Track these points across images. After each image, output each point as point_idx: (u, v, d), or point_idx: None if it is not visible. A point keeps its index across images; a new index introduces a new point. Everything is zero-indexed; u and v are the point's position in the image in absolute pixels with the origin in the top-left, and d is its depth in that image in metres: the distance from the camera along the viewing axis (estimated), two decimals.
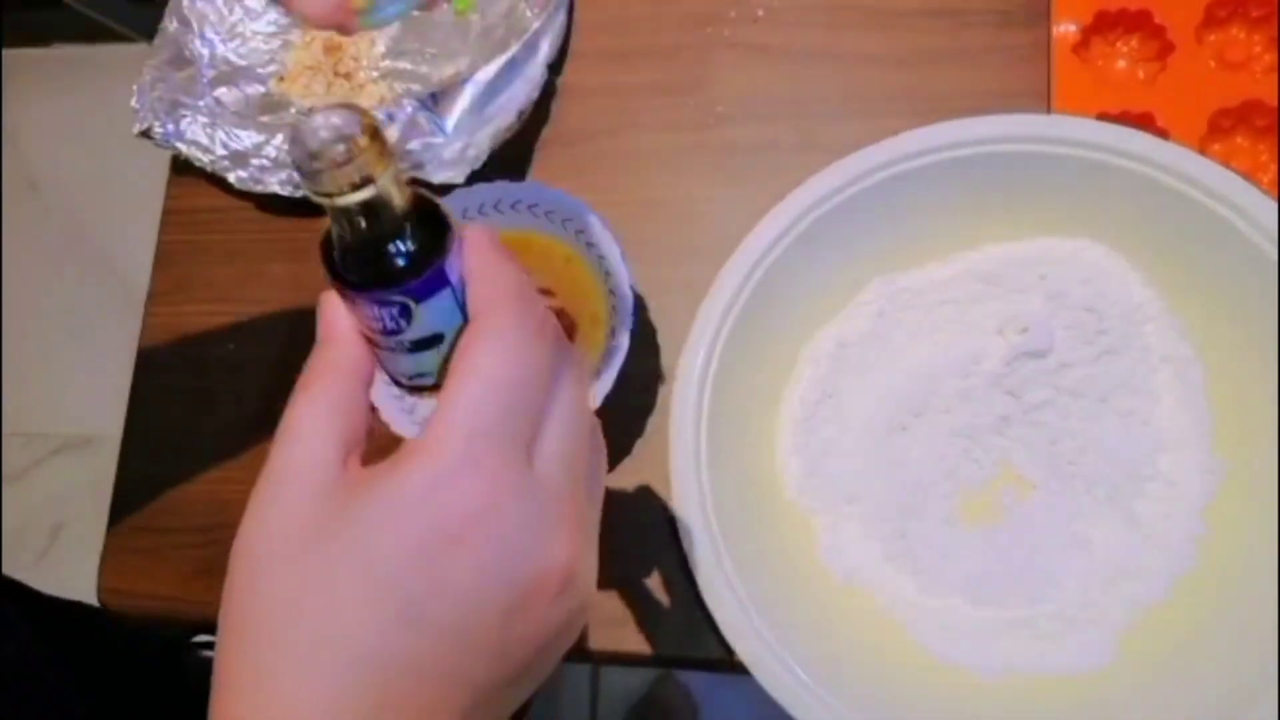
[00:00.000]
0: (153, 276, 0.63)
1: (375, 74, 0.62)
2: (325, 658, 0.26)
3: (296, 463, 0.29)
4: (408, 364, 0.31)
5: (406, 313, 0.29)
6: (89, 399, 1.57)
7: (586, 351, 0.32)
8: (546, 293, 0.52)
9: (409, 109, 0.56)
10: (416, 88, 0.60)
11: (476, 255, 0.30)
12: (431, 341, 0.30)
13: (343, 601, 0.27)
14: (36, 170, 1.74)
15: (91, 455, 1.59)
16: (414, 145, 0.57)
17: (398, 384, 0.32)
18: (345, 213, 0.28)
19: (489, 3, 0.61)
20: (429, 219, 0.30)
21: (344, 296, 0.30)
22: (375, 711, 0.26)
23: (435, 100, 0.57)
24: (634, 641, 0.51)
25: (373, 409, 0.31)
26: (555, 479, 0.29)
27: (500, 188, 0.52)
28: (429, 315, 0.30)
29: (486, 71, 0.56)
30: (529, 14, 0.59)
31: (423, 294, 0.29)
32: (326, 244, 0.30)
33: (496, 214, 0.53)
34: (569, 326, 0.51)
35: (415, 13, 0.62)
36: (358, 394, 0.30)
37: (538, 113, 0.59)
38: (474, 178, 0.56)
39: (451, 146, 0.57)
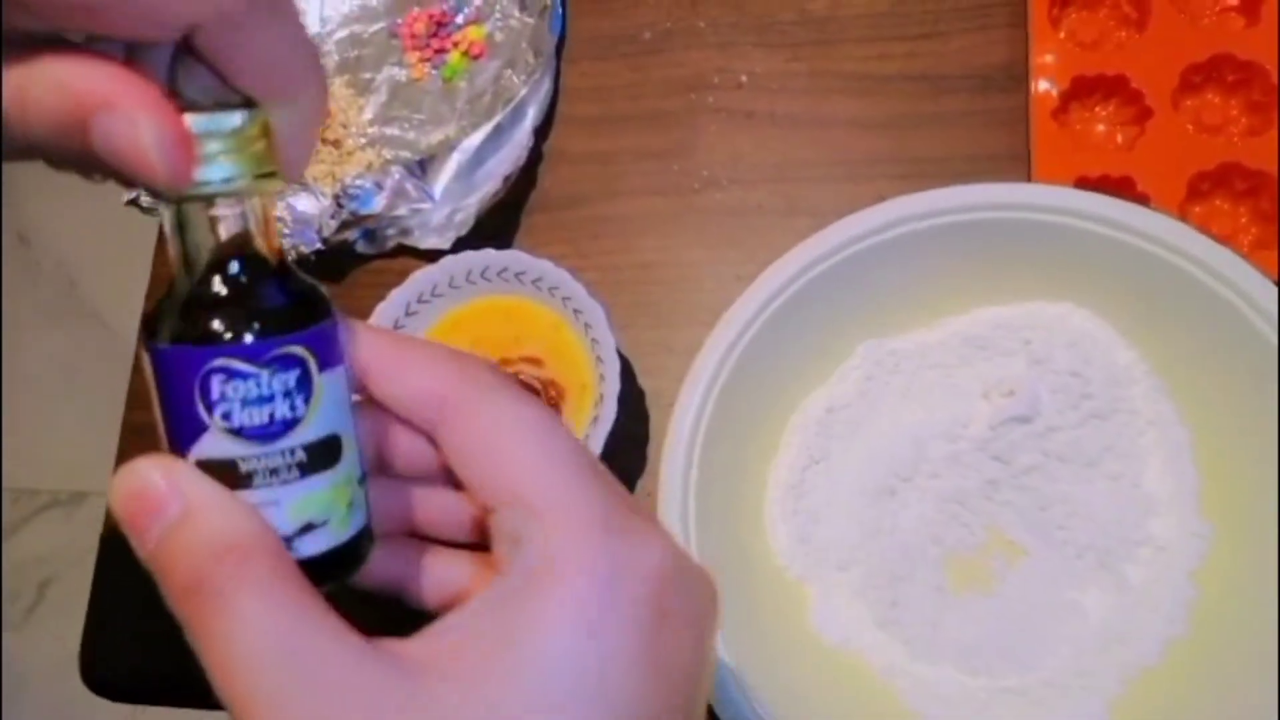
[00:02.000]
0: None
1: (363, 140, 0.63)
2: None
3: (307, 663, 0.21)
4: (295, 502, 0.23)
5: (306, 385, 0.22)
6: (80, 455, 1.56)
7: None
8: (535, 361, 0.52)
9: (396, 175, 0.57)
10: (404, 154, 0.61)
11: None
12: (327, 454, 0.23)
13: None
14: (27, 224, 1.74)
15: (81, 511, 1.58)
16: (401, 211, 0.57)
17: None
18: (218, 225, 0.22)
19: (476, 70, 0.62)
20: (305, 285, 0.24)
21: (202, 384, 0.23)
22: None
23: (423, 167, 0.57)
24: None
25: None
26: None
27: (487, 255, 0.53)
28: (327, 399, 0.23)
29: (474, 138, 0.57)
30: (515, 80, 0.60)
31: (325, 354, 0.23)
32: (154, 316, 0.23)
33: (484, 281, 0.53)
34: (558, 395, 0.51)
35: (403, 79, 0.63)
36: (286, 556, 0.23)
37: (524, 178, 0.59)
38: (460, 244, 0.56)
39: (439, 213, 0.57)
